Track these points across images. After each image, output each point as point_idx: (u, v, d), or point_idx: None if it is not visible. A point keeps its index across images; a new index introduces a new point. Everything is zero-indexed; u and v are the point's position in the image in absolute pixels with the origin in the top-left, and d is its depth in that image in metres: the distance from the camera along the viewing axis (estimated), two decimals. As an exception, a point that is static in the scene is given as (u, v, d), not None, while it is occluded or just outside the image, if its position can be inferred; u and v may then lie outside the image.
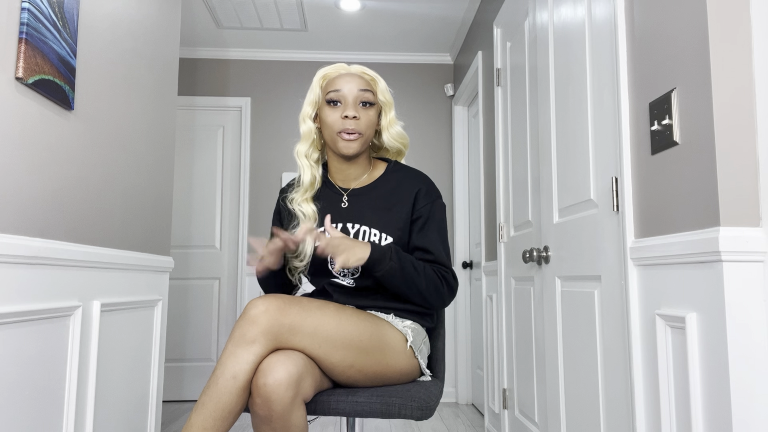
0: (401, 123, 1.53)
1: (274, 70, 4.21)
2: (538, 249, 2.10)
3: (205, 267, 4.07)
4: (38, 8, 1.48)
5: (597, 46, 1.70)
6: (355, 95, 1.43)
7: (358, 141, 1.42)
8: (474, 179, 3.81)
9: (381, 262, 1.31)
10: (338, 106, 1.43)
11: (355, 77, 1.45)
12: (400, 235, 1.42)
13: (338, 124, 1.42)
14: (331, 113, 1.43)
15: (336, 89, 1.43)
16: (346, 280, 1.43)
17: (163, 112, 2.42)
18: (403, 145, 1.54)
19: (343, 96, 1.42)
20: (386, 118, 1.49)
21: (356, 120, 1.41)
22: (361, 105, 1.44)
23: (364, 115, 1.43)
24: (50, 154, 1.58)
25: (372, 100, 1.45)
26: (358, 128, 1.42)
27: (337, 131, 1.42)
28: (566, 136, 1.93)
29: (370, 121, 1.45)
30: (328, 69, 1.48)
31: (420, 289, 1.35)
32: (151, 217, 2.30)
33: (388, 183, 1.48)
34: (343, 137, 1.41)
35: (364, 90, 1.44)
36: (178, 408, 3.74)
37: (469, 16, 3.61)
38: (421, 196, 1.44)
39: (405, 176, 1.49)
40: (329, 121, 1.43)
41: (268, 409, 1.07)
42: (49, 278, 1.53)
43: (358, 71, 1.47)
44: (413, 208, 1.44)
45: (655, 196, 1.39)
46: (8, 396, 1.38)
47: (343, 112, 1.41)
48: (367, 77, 1.47)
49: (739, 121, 1.17)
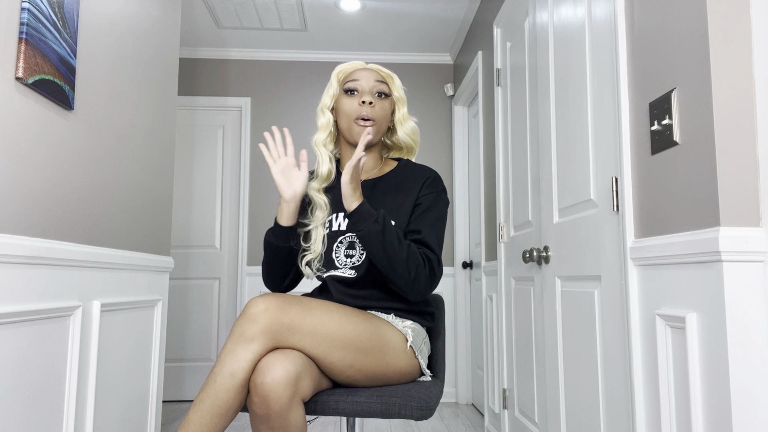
0: (414, 119, 1.59)
1: (274, 70, 4.21)
2: (538, 249, 2.10)
3: (205, 267, 4.07)
4: (38, 8, 1.48)
5: (597, 46, 1.70)
6: (372, 85, 1.49)
7: (372, 128, 1.46)
8: (474, 179, 3.81)
9: (365, 220, 1.32)
10: (355, 95, 1.50)
11: (372, 71, 1.52)
12: (402, 221, 1.44)
13: (355, 110, 1.48)
14: (347, 101, 1.49)
15: (353, 79, 1.50)
16: (348, 272, 1.43)
17: (163, 112, 2.42)
18: (415, 142, 1.59)
19: (360, 85, 1.49)
20: (399, 113, 1.55)
21: (372, 107, 1.47)
22: (377, 95, 1.50)
23: (379, 104, 1.49)
24: (50, 154, 1.58)
25: (387, 91, 1.51)
26: (373, 114, 1.47)
27: (354, 117, 1.47)
28: (566, 136, 1.93)
29: (384, 111, 1.50)
30: (346, 65, 1.54)
31: (399, 263, 1.31)
32: (151, 217, 2.30)
33: (397, 175, 1.53)
34: (359, 123, 1.47)
35: (380, 81, 1.51)
36: (178, 408, 3.74)
37: (469, 16, 3.61)
38: (426, 185, 1.48)
39: (414, 169, 1.53)
40: (346, 108, 1.49)
41: (266, 408, 1.08)
42: (49, 278, 1.53)
43: (375, 67, 1.54)
44: (417, 195, 1.47)
45: (655, 196, 1.39)
46: (8, 396, 1.38)
47: (360, 98, 1.48)
48: (383, 73, 1.53)
49: (739, 121, 1.17)
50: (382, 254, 1.31)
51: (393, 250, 1.31)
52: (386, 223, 1.32)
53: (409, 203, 1.45)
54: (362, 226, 1.32)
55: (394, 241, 1.31)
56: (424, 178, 1.49)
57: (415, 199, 1.46)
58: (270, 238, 1.48)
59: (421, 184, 1.48)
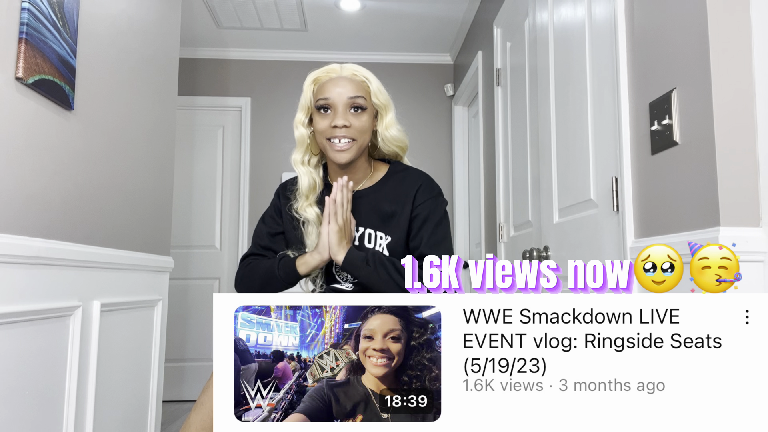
0: (399, 126, 1.47)
1: (274, 70, 4.21)
2: (538, 249, 2.10)
3: (205, 267, 4.07)
4: (38, 8, 1.48)
5: (597, 46, 1.70)
6: (345, 102, 1.36)
7: (350, 149, 1.37)
8: (474, 179, 3.81)
9: (356, 269, 1.32)
10: (328, 113, 1.37)
11: (346, 81, 1.38)
12: (400, 236, 1.39)
13: (328, 132, 1.37)
14: (321, 120, 1.38)
15: (325, 96, 1.37)
16: (346, 285, 1.43)
17: (163, 112, 2.42)
18: (400, 149, 1.49)
19: (333, 103, 1.36)
20: (383, 121, 1.44)
21: (346, 128, 1.36)
22: (352, 111, 1.37)
23: (355, 121, 1.37)
24: (50, 154, 1.58)
25: (363, 104, 1.38)
26: (350, 135, 1.36)
27: (327, 138, 1.37)
28: (566, 136, 1.93)
29: (363, 126, 1.38)
30: (319, 72, 1.41)
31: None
32: (151, 217, 2.29)
33: (389, 185, 1.45)
34: (334, 146, 1.36)
35: (354, 96, 1.37)
36: (178, 408, 3.74)
37: (469, 16, 3.61)
38: (419, 194, 1.40)
39: (405, 176, 1.46)
40: (319, 128, 1.38)
41: (267, 410, 1.07)
42: (49, 278, 1.53)
43: (349, 73, 1.40)
44: (412, 206, 1.40)
45: (655, 196, 1.39)
46: (8, 396, 1.38)
47: (333, 121, 1.36)
48: (358, 79, 1.40)
49: (739, 121, 1.17)
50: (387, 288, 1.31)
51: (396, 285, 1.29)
52: (376, 267, 1.30)
53: (405, 215, 1.39)
54: (357, 273, 1.32)
55: (394, 275, 1.30)
56: (417, 186, 1.42)
57: (411, 210, 1.40)
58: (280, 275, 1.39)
59: (414, 192, 1.41)
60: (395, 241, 1.39)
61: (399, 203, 1.41)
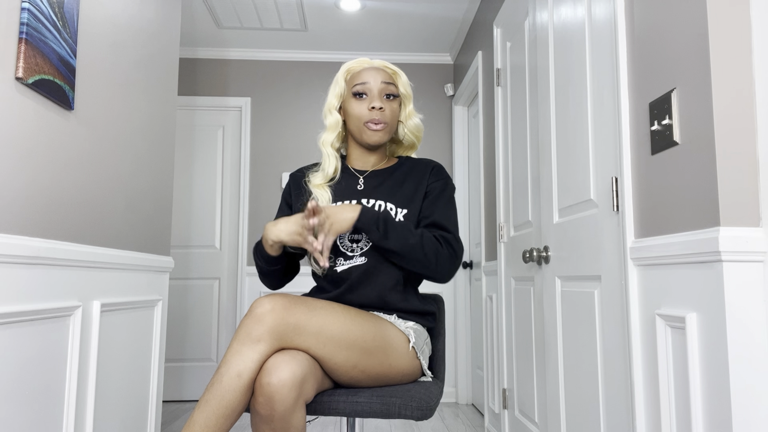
0: (420, 116, 1.60)
1: (274, 70, 4.21)
2: (538, 249, 2.10)
3: (205, 267, 4.07)
4: (38, 8, 1.48)
5: (597, 46, 1.70)
6: (380, 88, 1.49)
7: (383, 131, 1.49)
8: (474, 179, 3.81)
9: (369, 233, 1.36)
10: (364, 98, 1.50)
11: (379, 71, 1.52)
12: (414, 210, 1.47)
13: (365, 115, 1.48)
14: (357, 105, 1.49)
15: (362, 82, 1.49)
16: (358, 259, 1.43)
17: (163, 112, 2.42)
18: (417, 138, 1.61)
19: (369, 88, 1.49)
20: (405, 110, 1.56)
21: (382, 111, 1.48)
22: (385, 97, 1.50)
23: (388, 106, 1.50)
24: (50, 154, 1.58)
25: (395, 92, 1.52)
26: (384, 119, 1.48)
27: (365, 122, 1.48)
28: (566, 136, 1.93)
29: (394, 113, 1.52)
30: (353, 63, 1.54)
31: (418, 253, 1.36)
32: (151, 217, 2.30)
33: (405, 166, 1.56)
34: (370, 127, 1.48)
35: (388, 83, 1.51)
36: (178, 408, 3.73)
37: (469, 16, 3.61)
38: (433, 174, 1.52)
39: (419, 161, 1.58)
40: (356, 112, 1.49)
41: (270, 409, 1.07)
42: (49, 278, 1.53)
43: (381, 65, 1.53)
44: (427, 183, 1.51)
45: (655, 196, 1.39)
46: (8, 396, 1.38)
47: (370, 104, 1.48)
48: (389, 71, 1.53)
49: (739, 121, 1.17)
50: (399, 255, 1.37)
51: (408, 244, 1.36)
52: (389, 227, 1.36)
53: (421, 191, 1.50)
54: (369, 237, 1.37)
55: (407, 235, 1.36)
56: (430, 167, 1.54)
57: (425, 187, 1.50)
58: (261, 263, 1.46)
59: (428, 173, 1.52)
60: (410, 214, 1.46)
61: (414, 180, 1.51)
